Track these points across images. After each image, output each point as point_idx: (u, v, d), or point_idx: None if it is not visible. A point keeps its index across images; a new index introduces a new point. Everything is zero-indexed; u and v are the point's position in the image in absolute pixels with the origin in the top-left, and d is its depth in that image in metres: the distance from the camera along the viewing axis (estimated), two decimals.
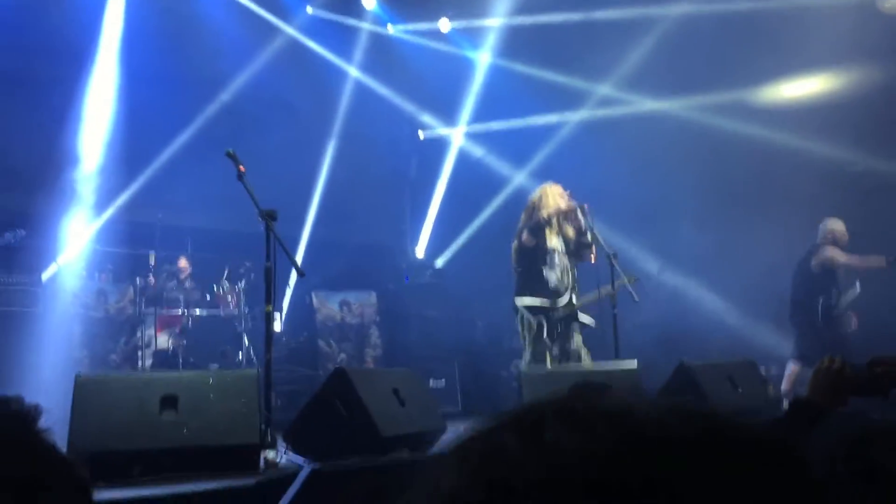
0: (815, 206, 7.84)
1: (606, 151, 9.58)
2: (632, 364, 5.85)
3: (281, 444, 4.18)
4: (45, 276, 7.58)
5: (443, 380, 9.22)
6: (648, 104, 9.58)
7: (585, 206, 6.65)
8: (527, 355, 6.59)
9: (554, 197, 6.75)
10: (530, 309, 6.58)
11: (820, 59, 8.37)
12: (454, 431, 6.11)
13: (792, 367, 7.26)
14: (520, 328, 6.71)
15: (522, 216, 6.86)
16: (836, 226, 7.34)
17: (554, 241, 6.67)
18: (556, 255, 6.64)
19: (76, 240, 8.07)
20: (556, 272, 6.62)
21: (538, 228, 6.62)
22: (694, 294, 9.00)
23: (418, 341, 9.54)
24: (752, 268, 8.33)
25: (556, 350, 6.52)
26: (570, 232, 6.75)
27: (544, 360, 6.46)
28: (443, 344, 9.58)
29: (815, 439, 2.01)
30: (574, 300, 6.61)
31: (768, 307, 8.18)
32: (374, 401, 4.05)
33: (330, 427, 4.03)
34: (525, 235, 6.69)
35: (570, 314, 6.59)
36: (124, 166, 8.62)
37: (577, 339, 6.63)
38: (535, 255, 6.62)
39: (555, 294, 6.57)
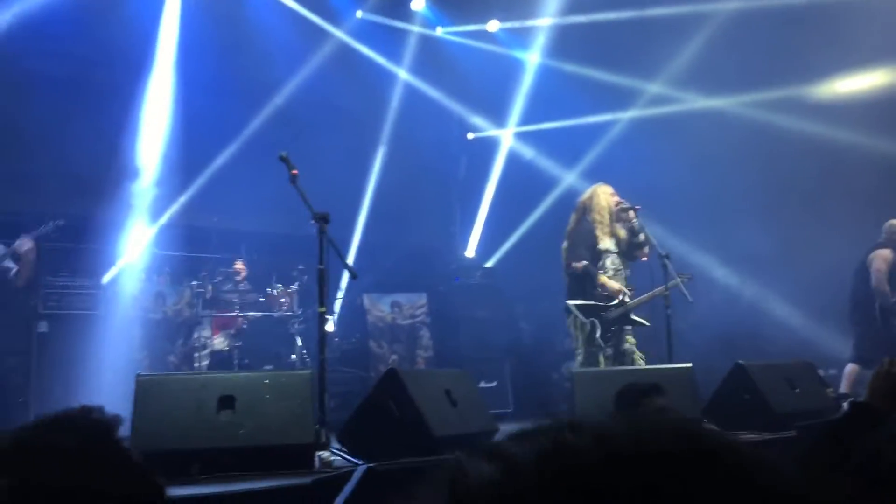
0: (878, 204, 7.65)
1: (660, 150, 9.47)
2: (686, 364, 5.78)
3: (335, 444, 4.23)
4: (105, 279, 7.81)
5: (494, 381, 9.23)
6: (702, 101, 9.44)
7: (637, 207, 6.59)
8: (580, 357, 6.55)
9: (605, 197, 6.70)
10: (582, 310, 6.53)
11: (878, 53, 8.15)
12: (505, 433, 6.10)
13: (850, 369, 7.11)
14: (572, 329, 6.67)
15: (573, 216, 6.83)
16: (892, 226, 7.21)
17: (606, 242, 6.62)
18: (609, 257, 6.60)
19: (136, 244, 8.28)
20: (609, 273, 6.57)
21: (589, 230, 6.58)
22: (752, 294, 8.84)
23: (469, 342, 9.55)
24: (813, 267, 8.15)
25: (609, 351, 6.46)
26: (622, 233, 6.69)
27: (597, 362, 6.41)
28: (493, 345, 9.58)
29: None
30: (627, 300, 6.55)
31: (829, 308, 8.00)
32: (426, 401, 4.08)
33: (383, 427, 4.06)
34: (576, 236, 6.65)
35: (623, 315, 6.53)
36: (181, 172, 8.81)
37: (630, 340, 6.57)
38: (586, 253, 6.57)
39: (607, 295, 6.52)
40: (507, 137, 11.16)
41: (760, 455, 0.67)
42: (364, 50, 10.33)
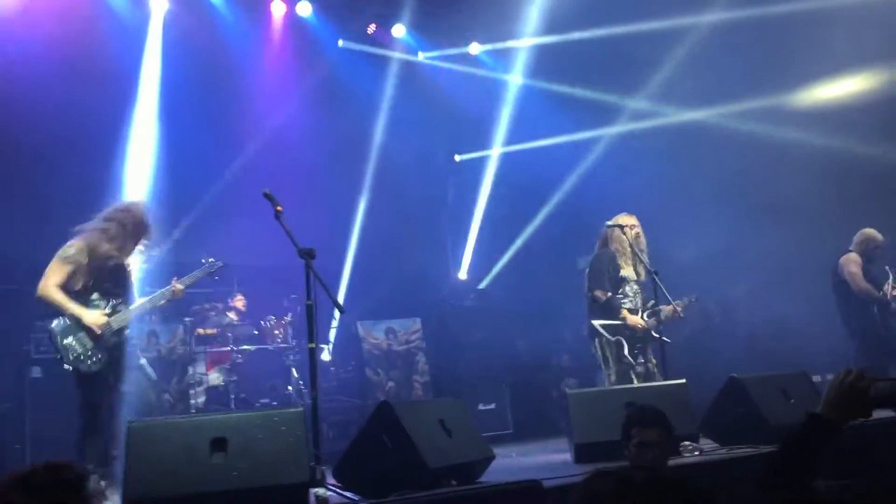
0: (860, 210, 7.73)
1: (644, 163, 9.52)
2: (680, 381, 5.80)
3: (330, 480, 4.21)
4: None
5: (493, 403, 9.20)
6: (684, 114, 9.50)
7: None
8: (612, 376, 6.62)
9: (627, 228, 6.84)
10: (608, 329, 6.66)
11: (853, 60, 8.26)
12: (505, 456, 6.14)
13: None
14: (598, 349, 6.75)
15: (598, 243, 6.96)
16: (864, 235, 7.30)
17: (627, 271, 6.78)
18: (629, 284, 6.75)
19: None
20: (629, 297, 6.73)
21: (611, 257, 6.73)
22: (744, 305, 8.86)
23: (466, 365, 9.54)
24: (798, 273, 8.20)
25: (639, 368, 6.53)
26: (642, 267, 6.82)
27: (629, 379, 6.51)
28: (490, 366, 9.57)
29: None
30: (646, 318, 6.68)
31: (815, 312, 8.03)
32: (419, 433, 4.06)
33: (378, 461, 4.04)
34: (598, 263, 6.81)
35: (646, 333, 6.65)
36: (168, 210, 8.81)
37: (648, 364, 6.68)
38: (608, 283, 6.73)
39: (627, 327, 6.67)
40: (493, 158, 11.20)
41: None
42: (347, 79, 10.38)
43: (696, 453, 4.82)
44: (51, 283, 5.22)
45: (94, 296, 5.35)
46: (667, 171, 9.18)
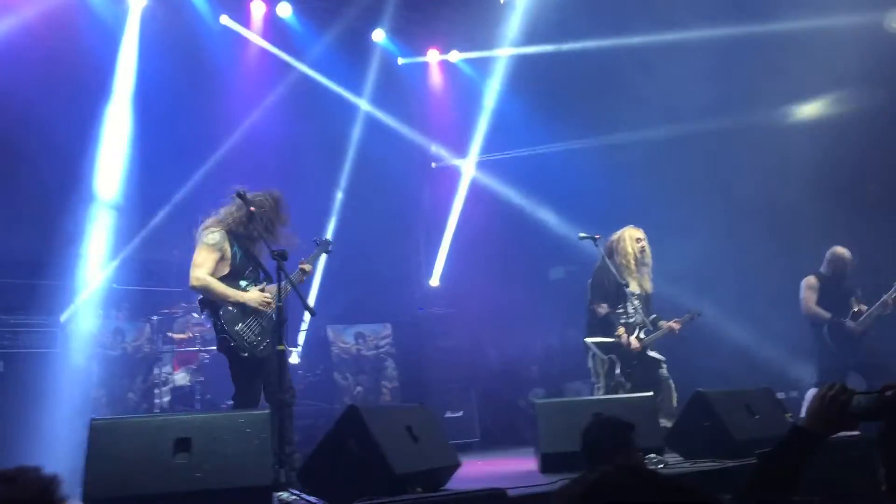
0: (830, 229, 7.85)
1: (622, 176, 9.59)
2: (648, 394, 5.87)
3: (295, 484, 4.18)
4: (63, 316, 7.66)
5: (461, 411, 9.20)
6: (656, 130, 9.59)
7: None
8: (601, 391, 6.68)
9: (631, 243, 6.91)
10: (601, 347, 6.73)
11: (826, 82, 8.41)
12: (471, 464, 6.14)
13: (811, 394, 7.22)
14: (591, 364, 6.84)
15: (602, 255, 6.97)
16: (833, 254, 7.42)
17: (633, 286, 6.81)
18: (631, 299, 6.78)
19: (93, 280, 8.15)
20: (630, 312, 6.78)
21: (612, 273, 6.75)
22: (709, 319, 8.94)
23: (434, 372, 9.53)
24: (769, 291, 8.29)
25: (629, 385, 6.57)
26: (647, 281, 6.94)
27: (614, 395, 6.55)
28: (459, 374, 9.57)
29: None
30: (642, 336, 6.72)
31: (785, 330, 8.12)
32: (386, 438, 4.04)
33: (343, 465, 4.02)
34: (601, 276, 6.86)
35: (641, 352, 6.69)
36: (139, 206, 8.72)
37: (661, 372, 6.75)
38: (610, 297, 6.79)
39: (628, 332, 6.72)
40: (469, 166, 11.23)
41: None
42: (324, 81, 10.35)
43: (661, 466, 4.86)
44: (204, 272, 5.05)
45: (243, 282, 5.18)
46: (645, 184, 9.26)
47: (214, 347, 8.20)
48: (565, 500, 1.22)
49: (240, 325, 5.02)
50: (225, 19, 9.60)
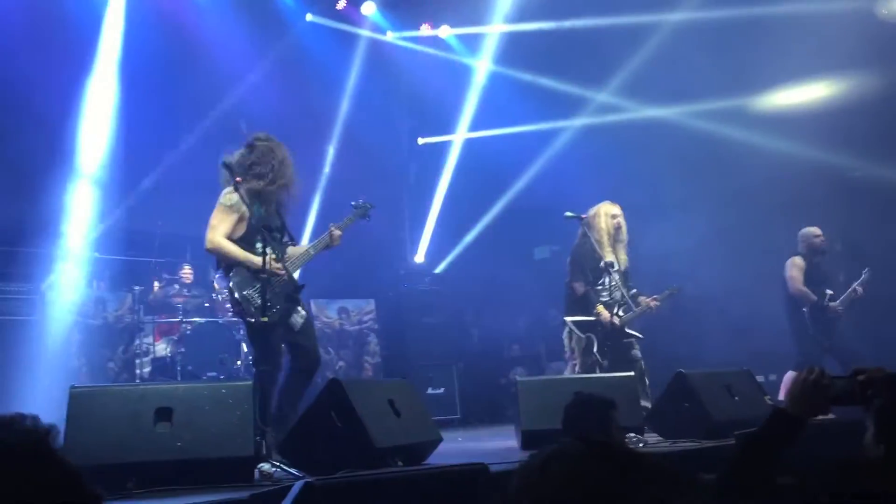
0: (817, 212, 7.89)
1: (606, 157, 9.59)
2: (629, 374, 5.90)
3: (276, 456, 4.18)
4: (44, 284, 7.59)
5: (442, 388, 9.23)
6: (648, 111, 9.58)
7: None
8: (577, 367, 6.69)
9: (606, 219, 6.87)
10: (579, 326, 6.72)
11: (817, 66, 8.40)
12: (452, 440, 6.16)
13: (789, 376, 7.29)
14: (566, 342, 6.83)
15: (579, 232, 6.97)
16: (805, 234, 7.50)
17: (610, 258, 6.79)
18: (610, 275, 6.77)
19: (75, 248, 8.07)
20: (608, 288, 6.77)
21: (591, 248, 6.74)
22: (693, 302, 8.99)
23: (417, 349, 9.55)
24: (755, 273, 8.34)
25: (606, 363, 6.56)
26: (623, 255, 6.91)
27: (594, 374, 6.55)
28: (442, 351, 9.59)
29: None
30: (621, 314, 6.71)
31: (771, 312, 8.18)
32: (368, 412, 4.05)
33: (325, 438, 4.02)
34: (579, 253, 6.86)
35: (618, 329, 6.69)
36: (124, 175, 8.62)
37: (634, 352, 6.74)
38: (589, 274, 6.78)
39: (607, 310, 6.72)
40: (456, 143, 11.17)
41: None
42: (313, 53, 10.24)
43: (640, 445, 4.90)
44: (218, 235, 4.86)
45: (259, 244, 4.90)
46: (632, 165, 9.26)
47: (196, 319, 8.26)
48: (525, 473, 1.28)
49: (248, 290, 4.81)
50: None
